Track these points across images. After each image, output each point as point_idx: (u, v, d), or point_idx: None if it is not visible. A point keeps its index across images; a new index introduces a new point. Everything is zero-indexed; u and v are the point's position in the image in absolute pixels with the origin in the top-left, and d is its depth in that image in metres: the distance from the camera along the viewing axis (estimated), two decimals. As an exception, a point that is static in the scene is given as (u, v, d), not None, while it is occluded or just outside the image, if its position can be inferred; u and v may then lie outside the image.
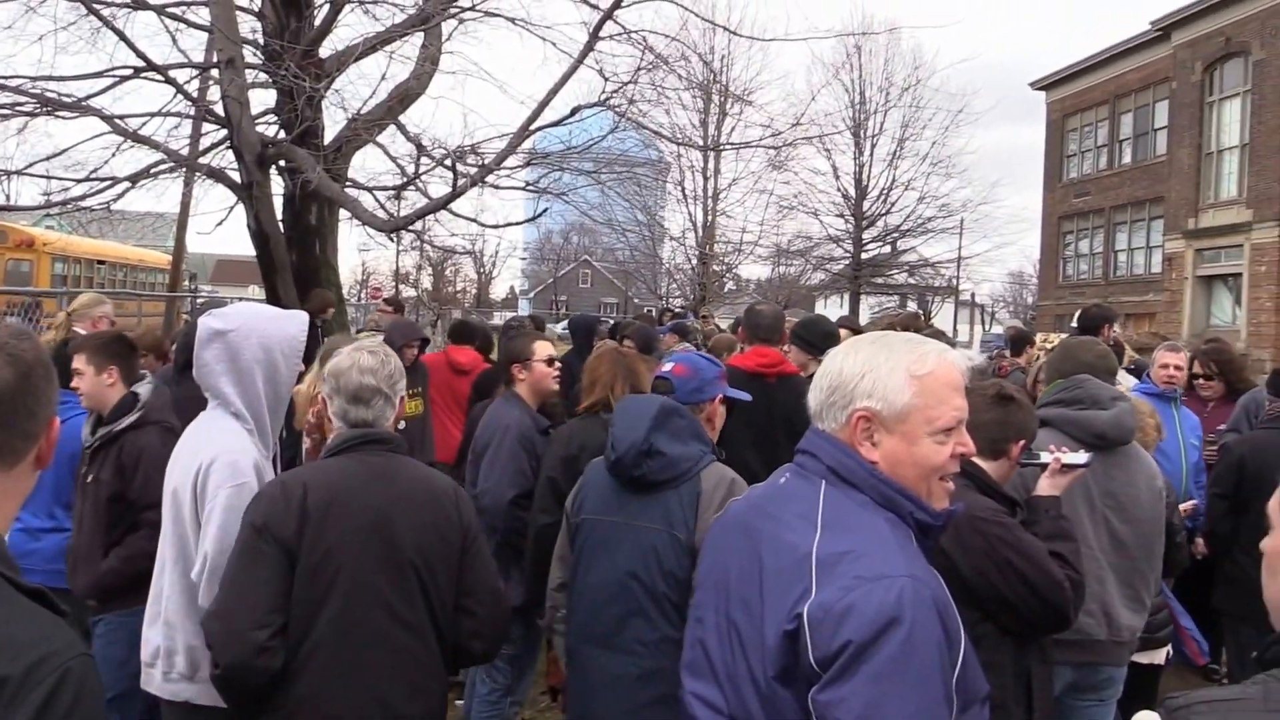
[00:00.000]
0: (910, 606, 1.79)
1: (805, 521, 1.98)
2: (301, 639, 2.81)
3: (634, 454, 3.24)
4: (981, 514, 3.04)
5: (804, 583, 1.88)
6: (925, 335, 3.25)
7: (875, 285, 38.81)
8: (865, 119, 35.42)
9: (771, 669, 1.89)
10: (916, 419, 2.01)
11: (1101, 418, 3.89)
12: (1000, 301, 69.12)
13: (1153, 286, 36.96)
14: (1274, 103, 31.05)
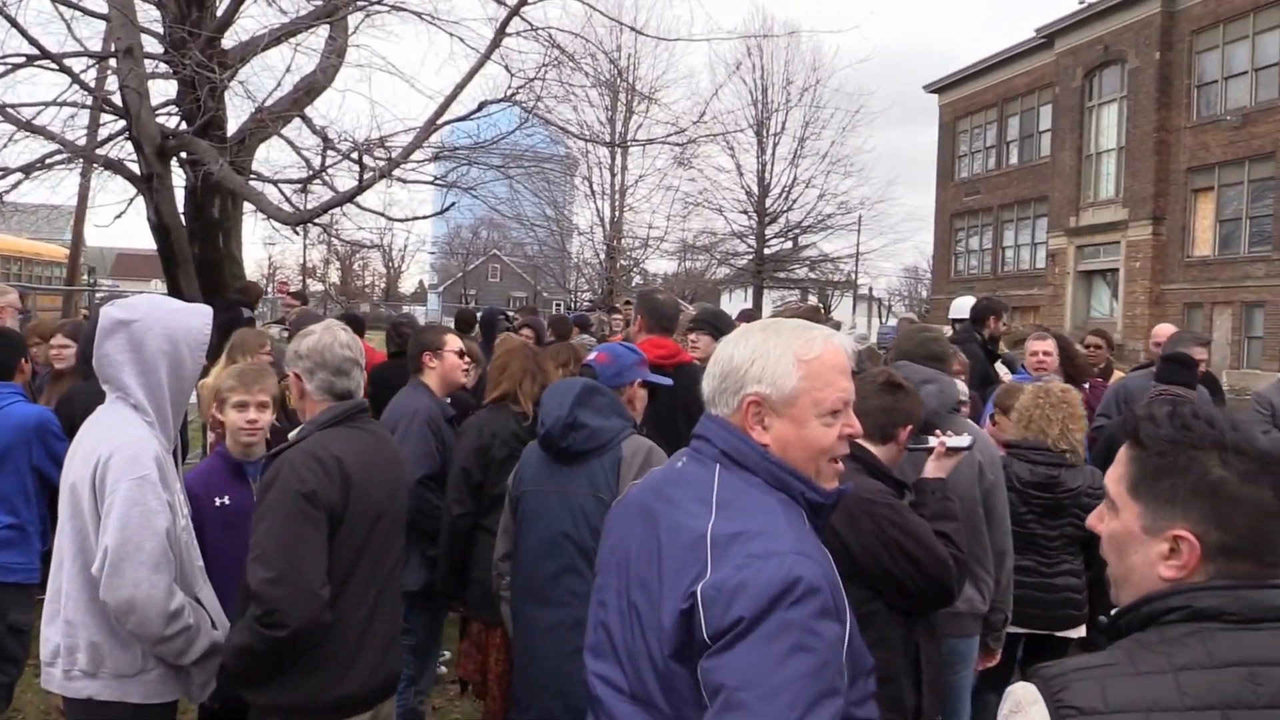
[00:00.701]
0: (800, 582, 1.84)
1: (701, 504, 2.02)
2: (340, 589, 3.08)
3: (560, 427, 3.59)
4: (871, 496, 3.12)
5: (700, 563, 1.92)
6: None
7: (778, 280, 39.54)
8: (767, 118, 36.08)
9: (668, 648, 1.93)
10: (804, 402, 2.06)
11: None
12: (896, 295, 70.65)
13: (1037, 281, 38.42)
14: (1147, 108, 32.57)
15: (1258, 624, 1.53)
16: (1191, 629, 1.54)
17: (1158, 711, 1.47)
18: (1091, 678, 1.52)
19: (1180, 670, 1.49)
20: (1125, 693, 1.49)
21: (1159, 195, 32.28)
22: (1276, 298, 28.56)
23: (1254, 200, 29.73)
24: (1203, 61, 31.56)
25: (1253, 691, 1.47)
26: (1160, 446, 1.63)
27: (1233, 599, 1.54)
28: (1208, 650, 1.51)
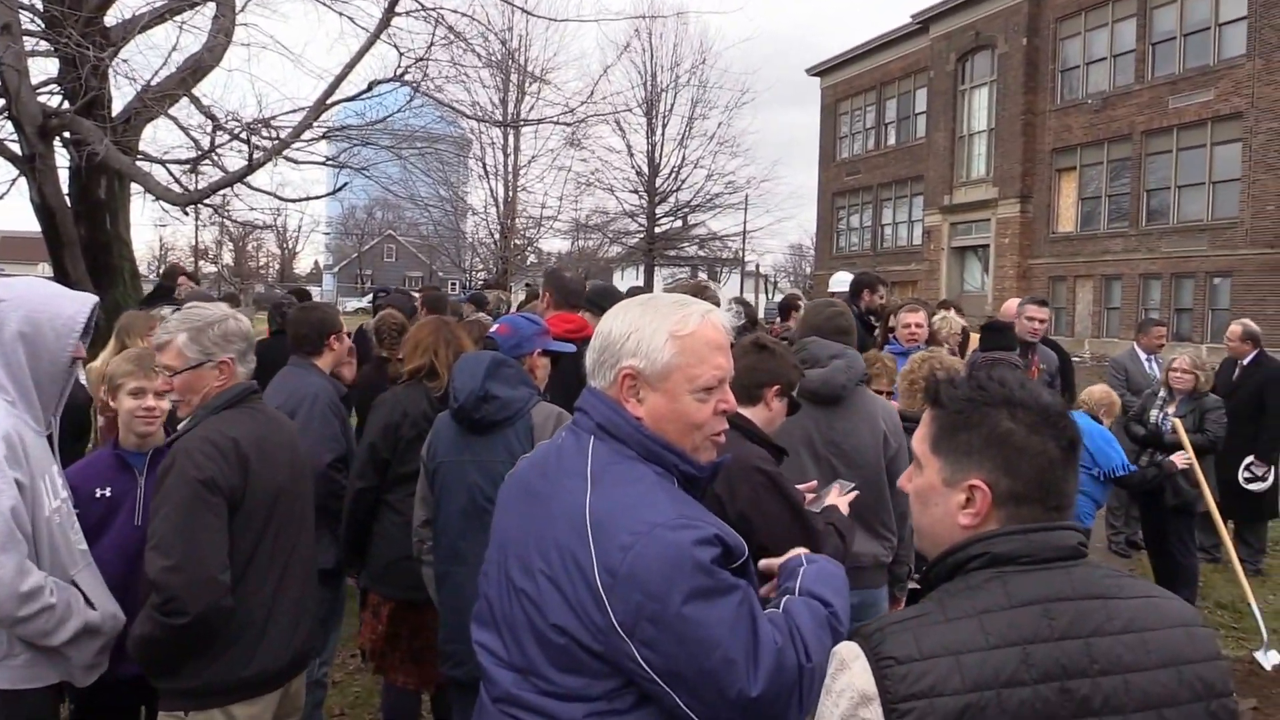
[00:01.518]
0: (688, 546, 1.87)
1: (576, 477, 2.02)
2: (243, 572, 3.08)
3: (473, 400, 3.74)
4: (751, 461, 3.13)
5: (581, 539, 1.93)
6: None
7: (668, 258, 39.99)
8: (656, 99, 36.41)
9: (547, 620, 1.96)
10: (678, 377, 2.06)
11: (811, 376, 4.17)
12: (782, 272, 71.76)
13: (915, 257, 39.73)
14: (1015, 92, 33.97)
15: (1049, 563, 1.63)
16: (991, 574, 1.62)
17: (965, 653, 1.54)
18: (906, 629, 1.59)
19: (983, 613, 1.58)
20: (936, 639, 1.56)
21: (1026, 175, 33.79)
22: (1133, 271, 30.17)
23: (1113, 179, 31.32)
24: (1066, 47, 33.03)
25: (1048, 626, 1.57)
26: (957, 405, 1.72)
27: (1025, 542, 1.64)
28: (1006, 592, 1.60)
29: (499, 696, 2.07)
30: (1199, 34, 28.57)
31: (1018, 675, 1.54)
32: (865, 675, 1.58)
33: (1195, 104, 28.40)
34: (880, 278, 9.11)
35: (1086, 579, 1.65)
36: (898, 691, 1.54)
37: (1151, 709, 1.57)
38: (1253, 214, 26.71)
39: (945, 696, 1.53)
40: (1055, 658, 1.56)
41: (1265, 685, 5.92)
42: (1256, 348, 8.61)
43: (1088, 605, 1.61)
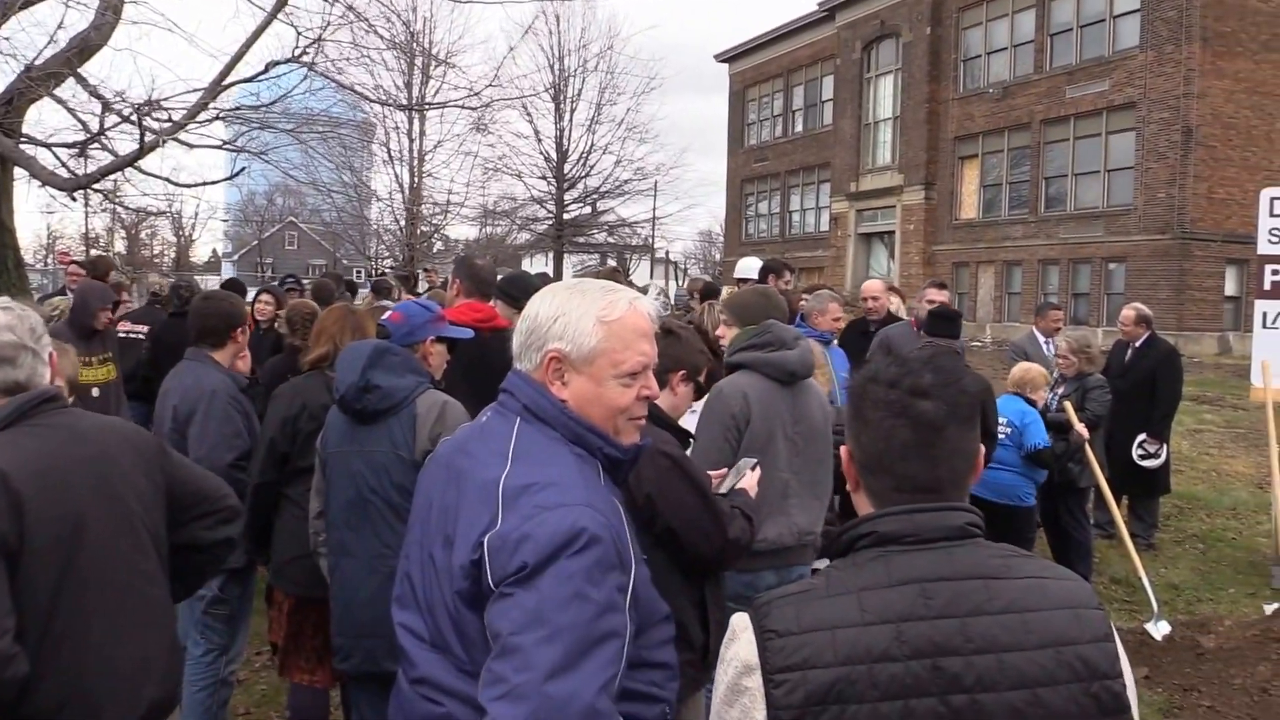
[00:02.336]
0: (584, 532, 1.88)
1: (498, 456, 2.05)
2: (44, 629, 2.54)
3: (354, 390, 3.65)
4: (656, 445, 3.09)
5: (491, 513, 1.96)
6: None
7: (578, 244, 39.80)
8: (564, 84, 36.21)
9: (461, 597, 1.97)
10: (603, 362, 2.09)
11: (790, 357, 4.35)
12: (692, 258, 72.07)
13: (822, 243, 40.23)
14: (920, 81, 34.55)
15: (933, 543, 1.66)
16: (877, 553, 1.67)
17: (841, 628, 1.59)
18: (790, 602, 1.64)
19: (862, 590, 1.62)
20: (815, 614, 1.61)
21: (930, 162, 34.43)
22: (1033, 257, 30.95)
23: (1013, 167, 32.07)
24: (968, 37, 33.70)
25: (924, 605, 1.61)
26: (855, 380, 1.81)
27: (909, 522, 1.67)
28: (887, 570, 1.64)
29: (417, 678, 2.07)
30: (1094, 25, 29.37)
31: (889, 651, 1.58)
32: (750, 646, 1.63)
33: (1091, 94, 29.19)
34: (788, 263, 9.21)
35: (970, 559, 1.67)
36: (775, 663, 1.59)
37: (1026, 688, 1.59)
38: (1145, 201, 27.58)
39: (818, 669, 1.57)
40: (929, 636, 1.59)
41: (1156, 655, 6.09)
42: (1148, 330, 8.87)
43: (968, 585, 1.64)
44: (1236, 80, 27.06)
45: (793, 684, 1.57)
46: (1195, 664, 5.88)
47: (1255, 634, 5.99)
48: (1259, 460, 11.13)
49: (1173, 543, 8.91)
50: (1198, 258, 26.78)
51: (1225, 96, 26.94)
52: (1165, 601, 6.95)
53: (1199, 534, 9.24)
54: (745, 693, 1.62)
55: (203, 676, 4.65)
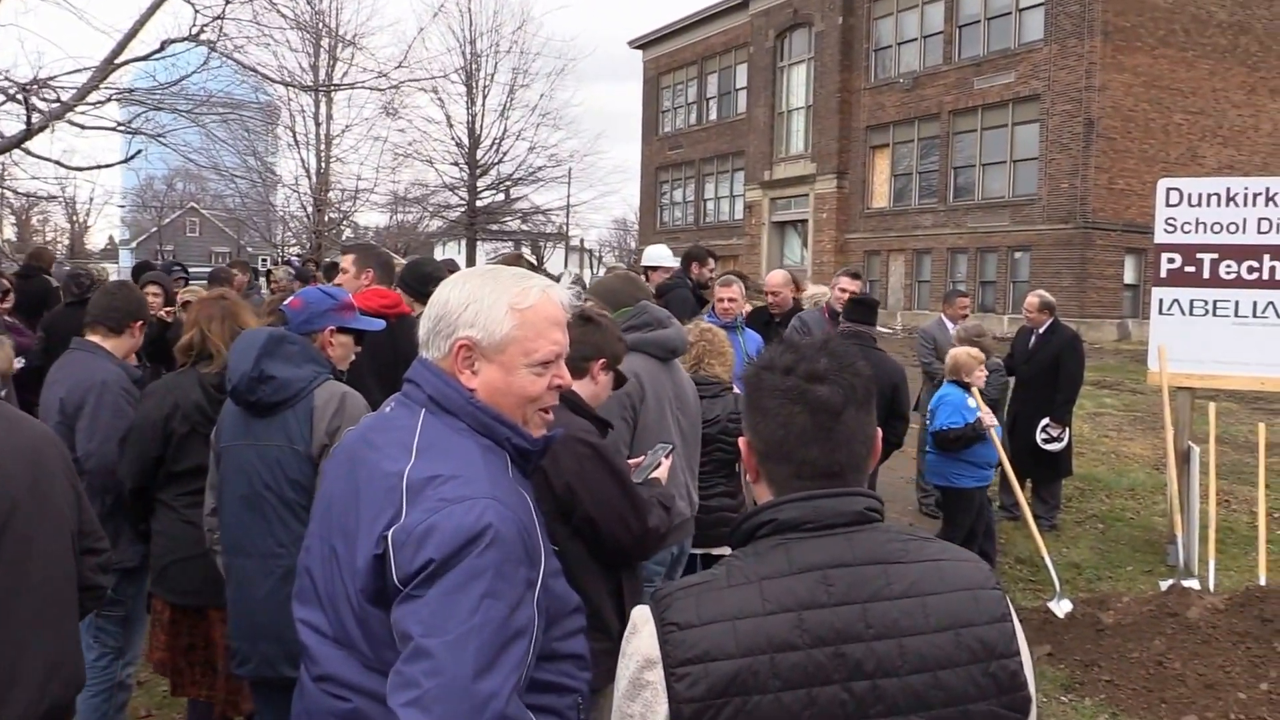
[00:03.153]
0: (490, 527, 1.84)
1: (402, 448, 2.00)
2: None
3: (246, 381, 3.48)
4: (575, 434, 3.09)
5: (394, 507, 1.91)
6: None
7: (491, 232, 39.37)
8: (476, 68, 35.77)
9: (364, 592, 1.93)
10: (514, 350, 2.05)
11: (671, 334, 4.44)
12: (607, 246, 72.06)
13: (736, 231, 40.46)
14: (832, 70, 34.89)
15: (832, 529, 1.66)
16: (777, 541, 1.66)
17: (742, 619, 1.58)
18: (690, 594, 1.63)
19: (763, 579, 1.61)
20: (716, 605, 1.60)
21: (842, 151, 34.79)
22: (942, 245, 31.50)
23: (923, 157, 32.58)
24: (879, 27, 34.11)
25: (825, 592, 1.60)
26: (752, 367, 1.80)
27: (810, 509, 1.66)
28: (789, 558, 1.63)
29: (321, 675, 2.02)
30: (1001, 18, 29.94)
31: (791, 640, 1.57)
32: (650, 640, 1.61)
33: (998, 85, 29.77)
34: (711, 250, 9.27)
35: (870, 544, 1.67)
36: (677, 656, 1.57)
37: (927, 671, 1.60)
38: (1049, 191, 28.24)
39: (719, 661, 1.56)
40: (830, 623, 1.59)
41: (1059, 632, 6.20)
42: (1051, 317, 9.04)
43: (867, 571, 1.64)
44: (1135, 74, 27.83)
45: (694, 677, 1.56)
46: (1095, 640, 5.99)
47: (1151, 610, 6.12)
48: (1156, 442, 11.42)
49: (1074, 523, 9.12)
50: (1099, 246, 27.51)
51: (1125, 90, 27.68)
52: (1067, 580, 7.10)
53: (1099, 514, 9.47)
54: (647, 687, 1.60)
55: (98, 681, 4.43)
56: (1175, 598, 6.27)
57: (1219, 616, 5.92)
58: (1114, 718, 5.25)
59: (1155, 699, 5.34)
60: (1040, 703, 5.44)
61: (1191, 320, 7.71)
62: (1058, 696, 5.47)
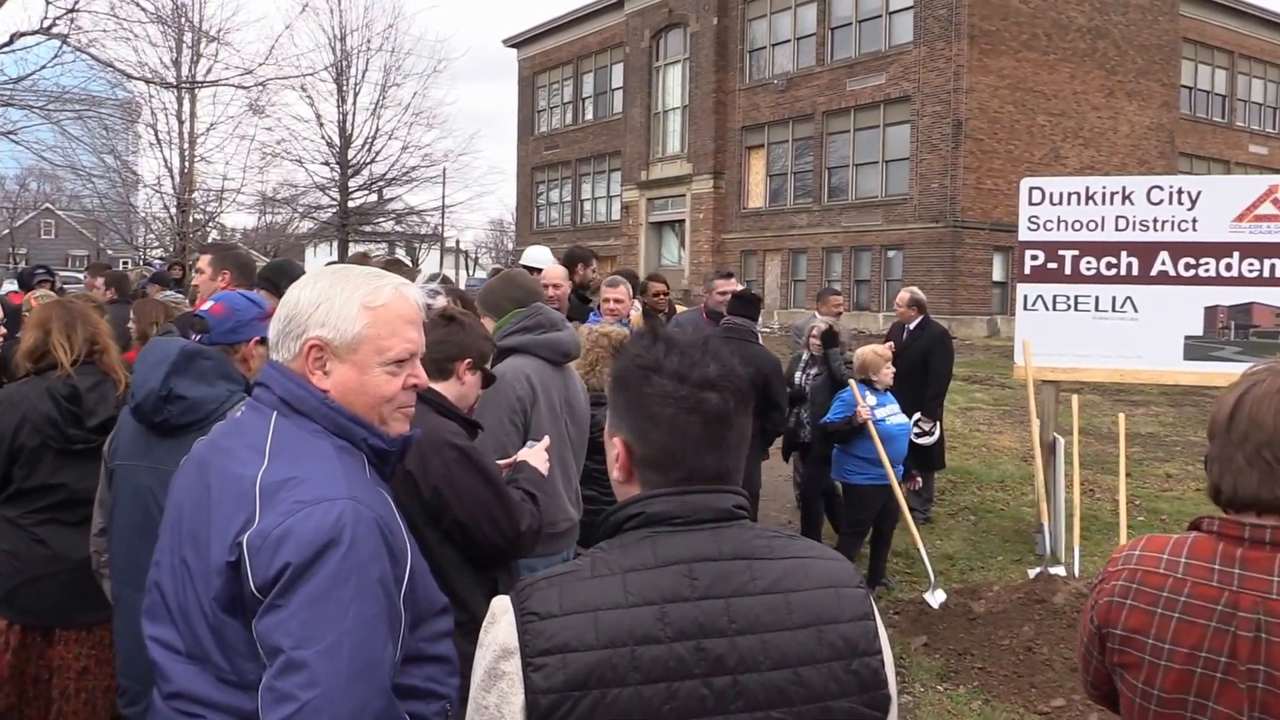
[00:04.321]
0: (349, 527, 1.81)
1: (254, 452, 1.95)
2: None
3: (153, 400, 3.19)
4: (443, 436, 3.05)
5: (247, 512, 1.86)
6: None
7: (364, 233, 38.57)
8: (347, 65, 35.02)
9: (219, 602, 1.86)
10: (368, 349, 2.02)
11: (564, 338, 4.35)
12: (483, 247, 71.61)
13: (614, 232, 40.52)
14: (707, 71, 35.21)
15: (699, 525, 1.66)
16: (644, 533, 1.65)
17: (604, 610, 1.57)
18: (553, 585, 1.60)
19: (628, 571, 1.60)
20: (578, 596, 1.58)
21: (718, 152, 35.15)
22: (817, 245, 32.06)
23: (797, 157, 33.12)
24: (753, 28, 34.56)
25: (689, 586, 1.60)
26: (621, 364, 1.75)
27: (679, 503, 1.66)
28: (654, 551, 1.62)
29: (172, 693, 1.95)
30: (872, 21, 30.64)
31: (652, 633, 1.56)
32: (509, 629, 1.58)
33: (869, 87, 30.44)
34: (593, 252, 9.26)
35: (736, 540, 1.67)
36: (535, 646, 1.55)
37: (788, 667, 1.60)
38: (920, 191, 28.99)
39: (579, 652, 1.54)
40: (693, 617, 1.58)
41: (934, 622, 6.32)
42: (922, 314, 9.22)
43: (733, 566, 1.63)
44: (1001, 77, 28.77)
45: (552, 668, 1.53)
46: (968, 629, 6.13)
47: (1020, 597, 6.29)
48: (1024, 435, 11.78)
49: (947, 516, 9.33)
50: (968, 245, 28.36)
51: (991, 92, 28.59)
52: (941, 572, 7.25)
53: (971, 506, 9.71)
54: (503, 677, 1.57)
55: None
56: (1042, 585, 6.46)
57: (1083, 601, 6.08)
58: (987, 704, 5.37)
59: (1025, 684, 5.48)
60: (917, 692, 5.55)
61: (1055, 315, 7.96)
62: (933, 685, 5.57)
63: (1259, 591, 1.83)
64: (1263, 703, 1.81)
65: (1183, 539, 1.97)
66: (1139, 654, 1.95)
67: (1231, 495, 1.90)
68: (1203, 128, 36.77)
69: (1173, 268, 7.75)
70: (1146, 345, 7.81)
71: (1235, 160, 37.10)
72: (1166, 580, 1.93)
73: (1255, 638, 1.82)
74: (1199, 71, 36.98)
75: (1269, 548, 1.84)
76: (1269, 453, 1.83)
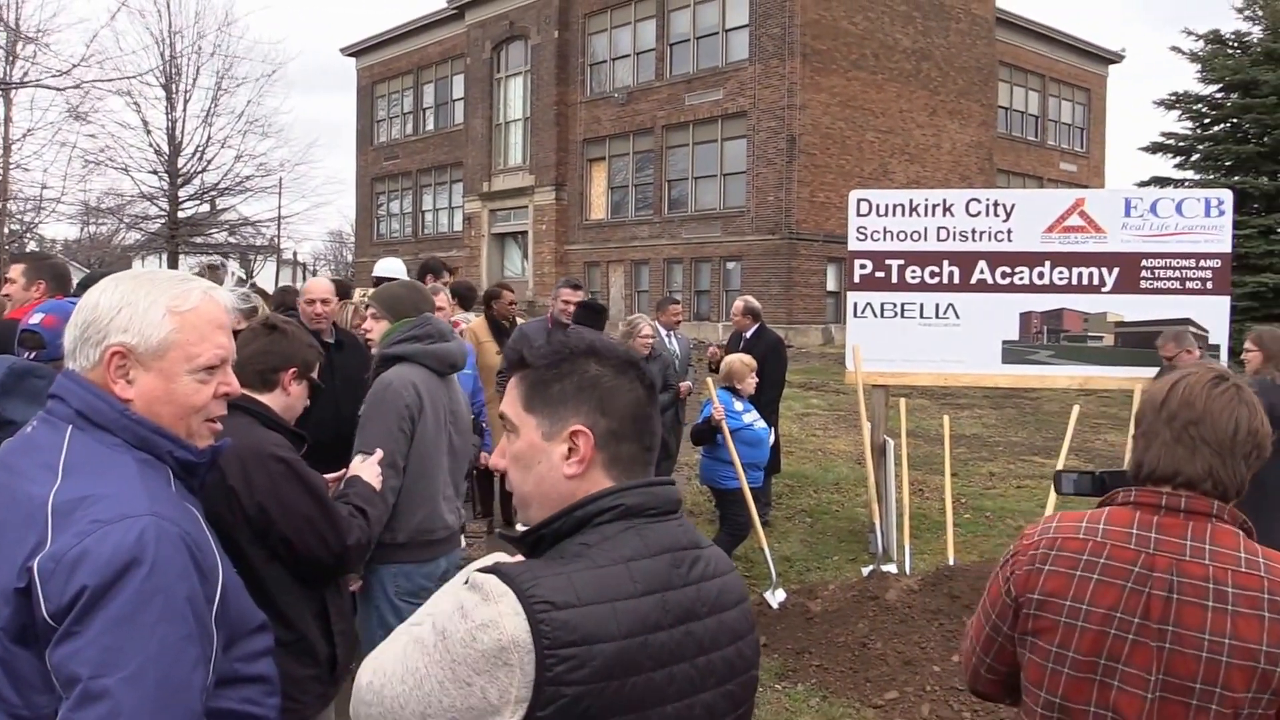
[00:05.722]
0: (152, 545, 1.70)
1: (47, 470, 1.82)
2: None
3: None
4: (267, 450, 2.96)
5: (38, 534, 1.72)
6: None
7: (195, 245, 37.12)
8: (177, 71, 33.63)
9: (7, 632, 1.72)
10: (175, 355, 1.92)
11: (451, 348, 4.37)
12: (322, 259, 70.04)
13: (456, 243, 40.07)
14: (549, 83, 35.26)
15: (667, 516, 1.72)
16: (625, 525, 1.66)
17: (620, 600, 1.58)
18: (559, 574, 1.57)
19: (629, 561, 1.62)
20: (594, 586, 1.57)
21: (560, 164, 35.20)
22: (658, 256, 32.44)
23: (638, 170, 33.46)
24: (594, 42, 34.78)
25: (678, 573, 1.67)
26: (544, 360, 1.73)
27: (651, 495, 1.70)
28: (644, 542, 1.66)
29: None
30: (710, 38, 31.23)
31: (659, 621, 1.62)
32: (518, 617, 1.51)
33: (707, 102, 31.00)
34: (446, 264, 9.34)
35: (689, 530, 1.78)
36: (558, 637, 1.51)
37: (733, 644, 1.74)
38: (757, 204, 29.68)
39: (603, 643, 1.54)
40: (683, 603, 1.67)
41: (772, 623, 6.47)
42: (757, 322, 9.45)
43: (695, 554, 1.74)
44: (832, 94, 29.72)
45: (579, 659, 1.51)
46: (806, 628, 6.29)
47: (854, 595, 6.50)
48: (858, 439, 12.16)
49: (784, 518, 9.57)
50: (803, 256, 29.16)
51: (823, 109, 29.50)
52: (780, 573, 7.43)
53: (807, 509, 9.98)
54: (505, 668, 1.50)
55: None
56: (875, 582, 6.69)
57: (914, 597, 6.36)
58: (824, 700, 5.52)
59: (861, 679, 5.66)
60: (757, 692, 5.67)
61: (883, 322, 8.28)
62: (772, 685, 5.70)
63: (1173, 554, 2.00)
64: (1169, 663, 1.95)
65: (1098, 512, 2.14)
66: (1055, 617, 2.07)
67: (1153, 469, 2.07)
68: (1018, 146, 38.82)
69: (991, 276, 8.17)
70: (968, 350, 8.19)
71: (1048, 177, 39.29)
72: (1086, 544, 2.08)
73: (1167, 598, 1.97)
74: (1014, 93, 39.05)
75: (1183, 515, 2.02)
76: (1194, 430, 2.03)
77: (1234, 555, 1.98)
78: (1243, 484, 2.06)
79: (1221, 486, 2.02)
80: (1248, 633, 1.92)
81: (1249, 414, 2.04)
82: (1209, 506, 2.02)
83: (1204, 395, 2.04)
